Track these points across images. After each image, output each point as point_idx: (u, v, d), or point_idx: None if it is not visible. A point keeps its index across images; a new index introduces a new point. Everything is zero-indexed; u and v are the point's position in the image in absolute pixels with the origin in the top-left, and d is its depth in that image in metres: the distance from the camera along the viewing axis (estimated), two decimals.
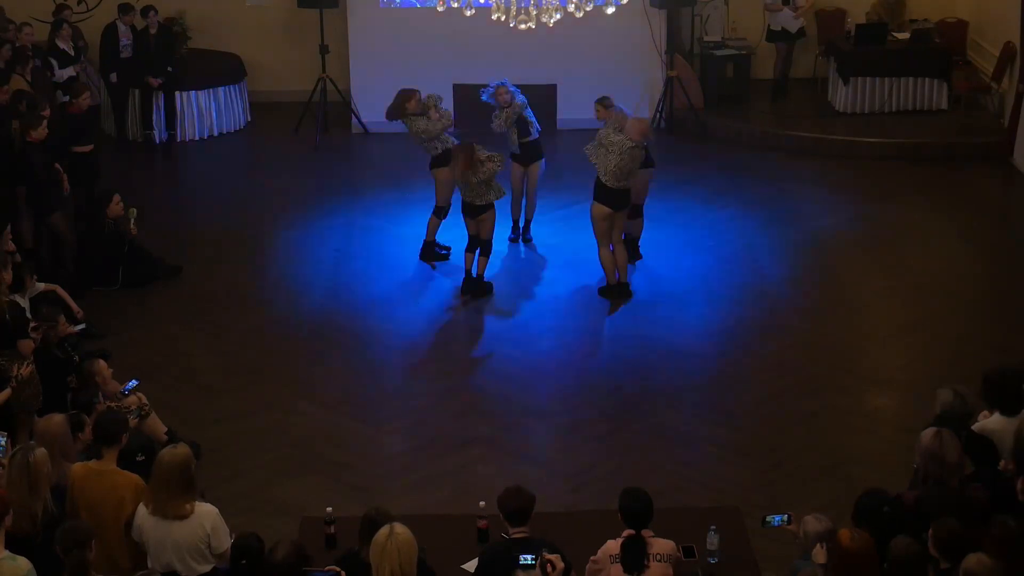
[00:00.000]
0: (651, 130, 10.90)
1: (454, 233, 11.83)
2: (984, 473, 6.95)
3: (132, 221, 11.51)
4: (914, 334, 10.87)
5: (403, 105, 11.74)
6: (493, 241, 11.35)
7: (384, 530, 5.91)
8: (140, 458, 7.14)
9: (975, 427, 7.29)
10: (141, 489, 6.78)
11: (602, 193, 10.95)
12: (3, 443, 7.26)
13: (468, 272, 11.33)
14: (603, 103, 11.52)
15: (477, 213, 11.18)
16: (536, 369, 10.35)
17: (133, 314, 11.23)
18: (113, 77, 14.92)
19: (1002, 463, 6.99)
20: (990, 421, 7.34)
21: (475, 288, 11.34)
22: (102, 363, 8.65)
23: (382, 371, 10.40)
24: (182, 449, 6.71)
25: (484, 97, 12.02)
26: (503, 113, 11.88)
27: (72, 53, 14.31)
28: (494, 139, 12.17)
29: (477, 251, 11.28)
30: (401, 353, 10.68)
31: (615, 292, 11.27)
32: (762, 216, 13.11)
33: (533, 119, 12.05)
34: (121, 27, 14.80)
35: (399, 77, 15.12)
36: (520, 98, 11.94)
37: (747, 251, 12.12)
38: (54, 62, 14.08)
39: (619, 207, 11.02)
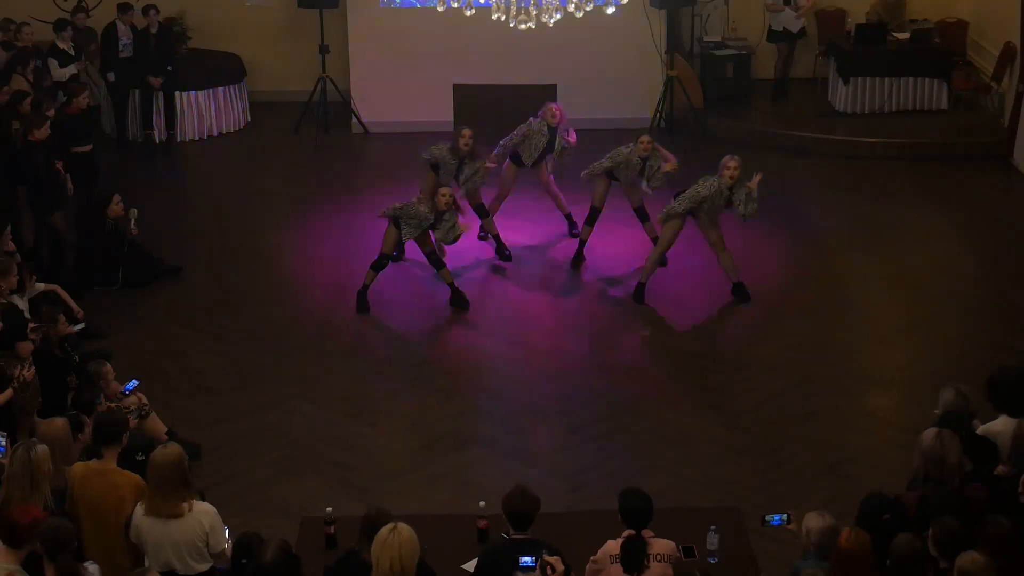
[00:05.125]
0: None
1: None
2: (983, 473, 6.95)
3: (133, 222, 11.51)
4: (914, 334, 10.87)
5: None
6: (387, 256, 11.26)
7: (388, 526, 5.93)
8: (140, 457, 7.13)
9: (980, 429, 7.28)
10: (141, 488, 6.78)
11: None
12: (3, 443, 7.27)
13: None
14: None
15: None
16: (536, 369, 10.35)
17: (133, 314, 11.23)
18: (111, 76, 14.91)
19: (1000, 468, 6.99)
20: (995, 423, 7.33)
21: (459, 301, 11.31)
22: (109, 366, 8.66)
23: (382, 371, 10.40)
24: (173, 448, 6.72)
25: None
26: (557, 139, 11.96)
27: (72, 53, 14.30)
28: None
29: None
30: (401, 353, 10.68)
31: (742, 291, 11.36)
32: (762, 216, 13.06)
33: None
34: (121, 27, 14.78)
35: (399, 77, 15.23)
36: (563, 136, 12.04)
37: (747, 251, 12.11)
38: (54, 62, 14.08)
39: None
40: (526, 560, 6.17)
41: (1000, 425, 7.30)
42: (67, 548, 6.14)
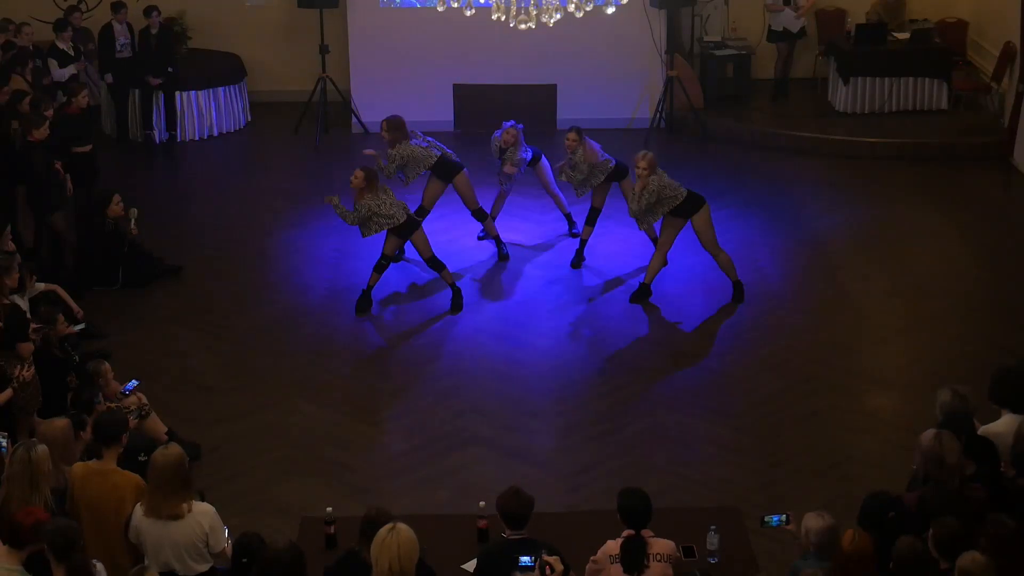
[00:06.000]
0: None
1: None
2: (984, 474, 6.94)
3: (133, 222, 11.51)
4: (914, 334, 10.87)
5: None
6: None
7: (387, 526, 5.94)
8: (142, 458, 7.12)
9: (981, 430, 7.28)
10: (142, 489, 6.78)
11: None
12: (3, 443, 7.27)
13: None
14: (578, 132, 11.56)
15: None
16: (536, 369, 10.35)
17: (133, 314, 11.23)
18: (108, 78, 14.92)
19: (1004, 467, 6.98)
20: (996, 424, 7.32)
21: (457, 303, 11.28)
22: (107, 365, 8.66)
23: (382, 371, 10.40)
24: (174, 449, 6.71)
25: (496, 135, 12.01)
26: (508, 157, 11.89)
27: (72, 54, 14.30)
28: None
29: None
30: (401, 353, 10.68)
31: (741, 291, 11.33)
32: (762, 216, 13.12)
33: (525, 155, 12.03)
34: (117, 26, 14.77)
35: (399, 77, 15.24)
36: (523, 154, 11.95)
37: (747, 251, 12.12)
38: (54, 62, 14.07)
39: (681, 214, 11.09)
40: (525, 560, 6.18)
41: (1001, 426, 7.30)
42: (76, 548, 6.14)
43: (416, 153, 11.64)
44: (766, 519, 7.00)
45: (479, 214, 12.12)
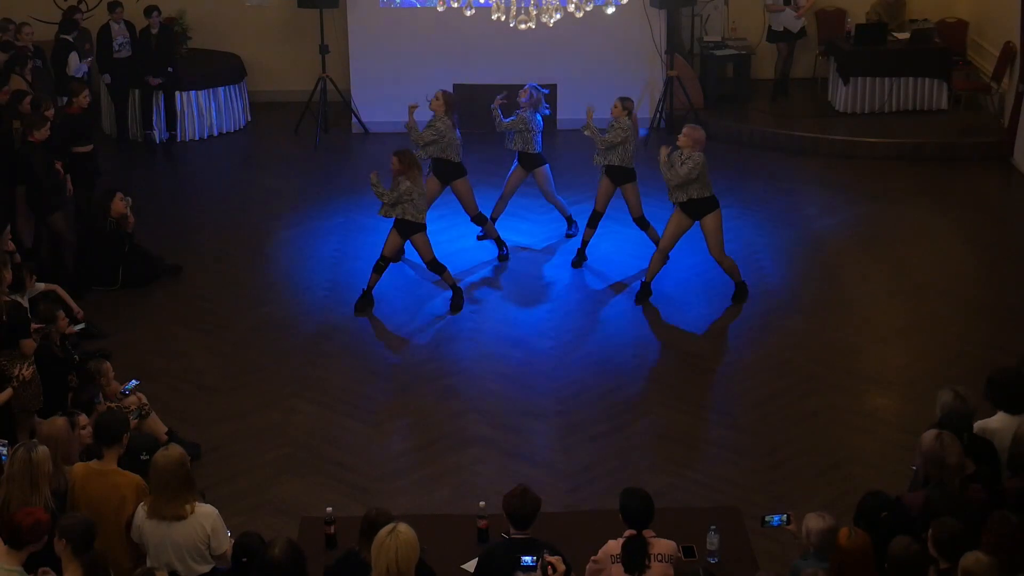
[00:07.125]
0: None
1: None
2: (985, 474, 6.95)
3: (128, 208, 11.51)
4: (914, 334, 10.87)
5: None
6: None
7: (387, 527, 5.93)
8: (144, 457, 7.12)
9: (976, 427, 7.28)
10: (142, 488, 6.79)
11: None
12: (3, 452, 7.25)
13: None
14: (624, 104, 11.65)
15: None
16: (536, 369, 10.35)
17: (133, 314, 11.23)
18: (107, 78, 14.91)
19: (1007, 481, 6.98)
20: (992, 420, 7.34)
21: (457, 303, 11.28)
22: (108, 365, 8.66)
23: (382, 371, 10.40)
24: (175, 450, 6.71)
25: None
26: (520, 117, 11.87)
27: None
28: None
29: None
30: (401, 353, 10.68)
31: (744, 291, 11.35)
32: (762, 216, 13.12)
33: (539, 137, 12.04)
34: (114, 26, 14.77)
35: (399, 77, 15.24)
36: (536, 119, 11.94)
37: (747, 251, 12.12)
38: (75, 55, 14.08)
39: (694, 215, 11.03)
40: (527, 560, 6.18)
41: (997, 422, 7.32)
42: (92, 544, 6.15)
43: (452, 138, 11.61)
44: (766, 519, 7.00)
45: (479, 219, 12.11)
